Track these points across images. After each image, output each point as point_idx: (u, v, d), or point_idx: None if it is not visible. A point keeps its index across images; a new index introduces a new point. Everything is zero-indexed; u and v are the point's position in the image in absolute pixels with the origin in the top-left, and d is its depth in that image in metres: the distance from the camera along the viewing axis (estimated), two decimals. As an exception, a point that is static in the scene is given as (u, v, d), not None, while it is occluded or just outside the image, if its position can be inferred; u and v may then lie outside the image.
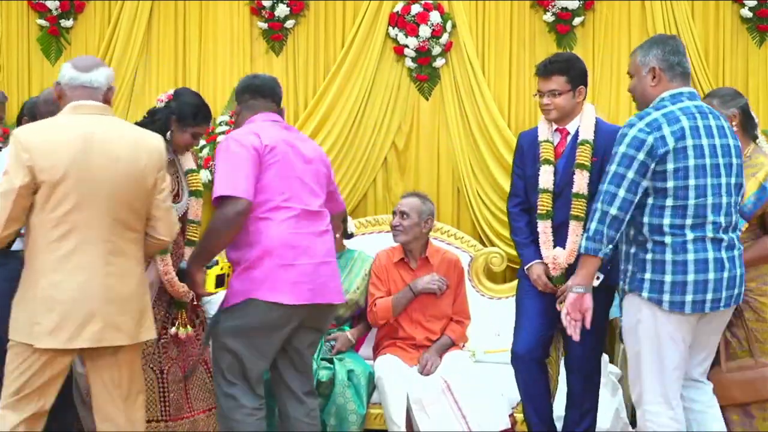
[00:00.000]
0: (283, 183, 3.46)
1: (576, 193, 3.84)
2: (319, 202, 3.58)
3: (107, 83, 3.29)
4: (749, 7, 5.25)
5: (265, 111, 3.62)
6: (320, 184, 3.62)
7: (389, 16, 5.40)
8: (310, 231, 3.50)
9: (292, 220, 3.44)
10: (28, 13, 5.59)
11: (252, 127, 3.53)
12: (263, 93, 3.66)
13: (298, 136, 3.69)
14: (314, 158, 3.62)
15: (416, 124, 5.52)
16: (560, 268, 3.87)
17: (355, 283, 4.60)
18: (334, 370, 4.24)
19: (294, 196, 3.48)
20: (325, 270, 3.52)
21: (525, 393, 4.00)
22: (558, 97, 3.88)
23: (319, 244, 3.52)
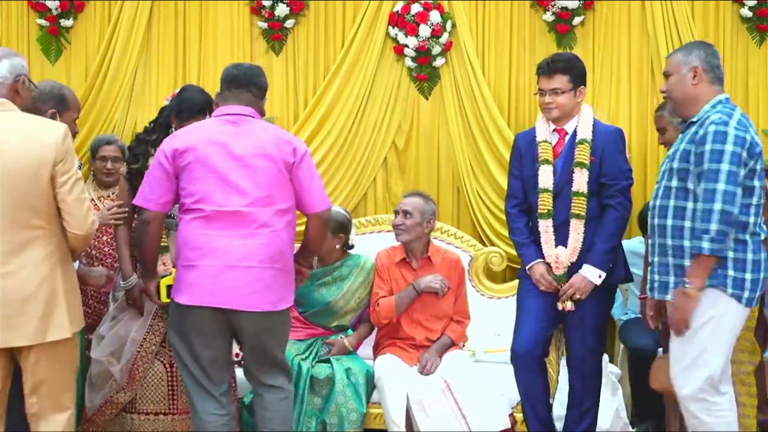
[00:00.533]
0: (195, 185, 3.40)
1: (576, 191, 3.86)
2: (246, 201, 3.41)
3: (12, 75, 3.20)
4: (749, 7, 5.25)
5: (234, 103, 3.55)
6: (256, 182, 3.42)
7: (389, 15, 5.39)
8: (224, 233, 3.38)
9: (199, 221, 3.39)
10: (28, 12, 5.58)
11: (186, 127, 3.62)
12: (238, 83, 3.58)
13: (242, 130, 3.49)
14: (249, 155, 3.43)
15: (416, 124, 5.51)
16: (563, 267, 3.88)
17: (358, 293, 4.55)
18: (332, 369, 4.24)
19: (206, 197, 3.39)
20: (237, 274, 3.38)
21: (524, 392, 4.01)
22: (560, 95, 3.89)
23: (236, 247, 3.39)
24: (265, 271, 3.42)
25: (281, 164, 3.46)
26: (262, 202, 3.42)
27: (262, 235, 3.41)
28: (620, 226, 3.91)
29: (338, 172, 5.43)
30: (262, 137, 3.48)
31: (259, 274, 3.40)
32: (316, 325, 4.55)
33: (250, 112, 3.55)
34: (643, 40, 5.36)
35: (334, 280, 4.55)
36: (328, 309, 4.53)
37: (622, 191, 3.90)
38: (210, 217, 3.38)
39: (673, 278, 3.42)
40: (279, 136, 3.55)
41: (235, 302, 3.39)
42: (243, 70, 3.63)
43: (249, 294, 3.39)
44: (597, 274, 3.86)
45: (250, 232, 3.39)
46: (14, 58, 3.26)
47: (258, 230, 3.40)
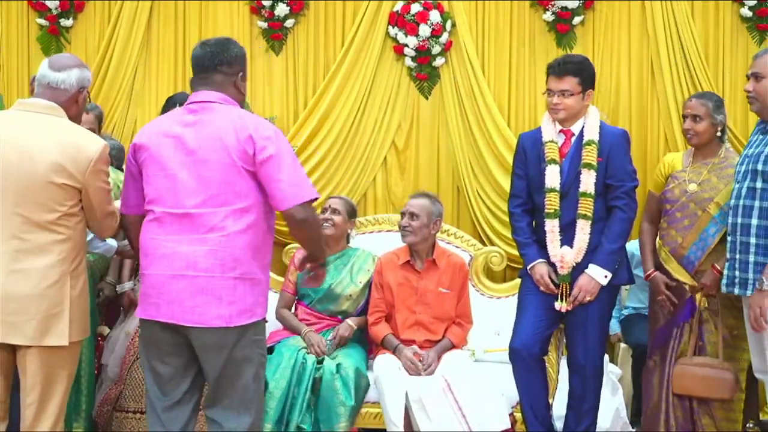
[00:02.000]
0: (149, 184, 3.08)
1: (583, 192, 3.87)
2: (196, 201, 2.99)
3: (77, 85, 3.25)
4: (749, 7, 5.25)
5: (203, 89, 3.12)
6: (207, 179, 2.99)
7: (389, 15, 5.40)
8: (172, 238, 3.01)
9: (152, 224, 3.06)
10: (28, 12, 5.58)
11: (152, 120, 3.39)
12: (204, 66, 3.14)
13: (199, 120, 3.05)
14: (203, 147, 3.00)
15: (416, 123, 5.52)
16: (568, 267, 3.89)
17: (358, 277, 4.61)
18: (322, 364, 4.27)
19: (157, 198, 3.05)
20: (182, 285, 2.98)
21: (523, 390, 4.01)
22: (568, 97, 3.90)
23: (182, 254, 2.98)
24: (213, 281, 2.97)
25: (237, 156, 2.98)
26: (213, 201, 2.98)
27: (212, 240, 2.97)
28: (627, 227, 3.93)
29: (338, 172, 5.44)
30: (219, 126, 3.01)
31: (206, 283, 2.96)
32: (323, 313, 4.59)
33: (216, 98, 3.09)
34: (643, 40, 5.36)
35: (335, 267, 4.62)
36: (330, 294, 4.58)
37: (628, 192, 3.91)
38: (160, 219, 3.03)
39: (752, 275, 3.59)
40: (240, 123, 3.03)
41: (179, 316, 2.99)
42: (208, 49, 3.14)
43: (193, 307, 2.97)
44: (603, 274, 3.86)
45: (198, 237, 2.97)
46: (85, 69, 3.31)
47: (207, 234, 2.98)
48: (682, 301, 4.18)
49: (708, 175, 4.18)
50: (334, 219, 4.61)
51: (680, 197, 4.20)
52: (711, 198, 4.11)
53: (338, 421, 4.14)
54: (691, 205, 4.16)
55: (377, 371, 4.31)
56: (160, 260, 3.00)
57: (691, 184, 4.19)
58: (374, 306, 4.53)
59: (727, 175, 4.11)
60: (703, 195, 4.15)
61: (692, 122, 4.20)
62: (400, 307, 4.48)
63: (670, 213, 4.24)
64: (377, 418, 4.31)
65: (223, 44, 3.16)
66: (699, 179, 4.19)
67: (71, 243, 3.14)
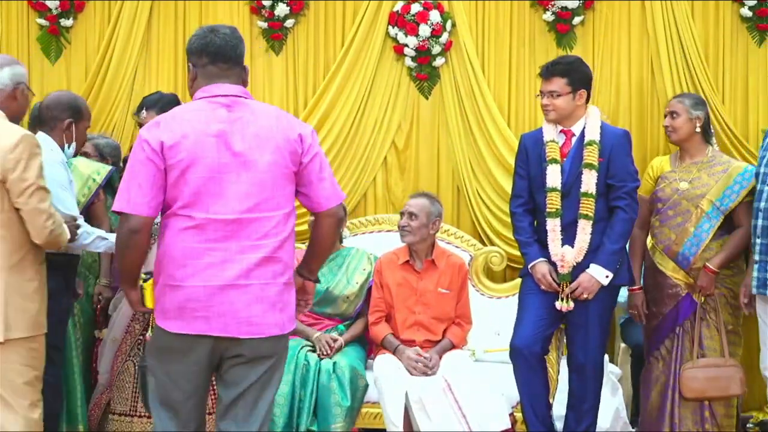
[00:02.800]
0: (184, 186, 2.81)
1: (585, 192, 3.89)
2: (247, 206, 2.83)
3: (12, 83, 3.31)
4: (749, 7, 5.24)
5: (222, 82, 2.93)
6: (259, 183, 2.84)
7: (389, 15, 5.39)
8: (219, 246, 2.81)
9: (191, 231, 2.81)
10: (28, 12, 5.58)
11: (170, 113, 2.95)
12: (225, 57, 2.94)
13: (239, 117, 2.87)
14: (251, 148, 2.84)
15: (416, 124, 5.51)
16: (568, 267, 3.89)
17: (355, 278, 4.62)
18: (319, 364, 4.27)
19: (197, 202, 2.80)
20: (235, 296, 2.82)
21: (523, 389, 4.02)
22: (557, 98, 3.92)
23: (234, 263, 2.82)
24: (267, 288, 2.86)
25: (288, 158, 2.87)
26: (265, 206, 2.85)
27: (266, 246, 2.85)
28: (628, 227, 3.95)
29: (338, 172, 5.42)
30: (264, 125, 2.87)
31: (260, 291, 2.85)
32: (321, 315, 4.60)
33: (242, 92, 2.95)
34: (643, 40, 5.36)
35: (330, 270, 4.62)
36: (327, 296, 4.59)
37: (630, 193, 3.93)
38: (201, 226, 2.80)
39: None
40: (284, 122, 2.93)
41: (233, 329, 2.83)
42: (227, 39, 2.95)
43: (249, 317, 2.84)
44: (604, 274, 3.87)
45: (251, 243, 2.83)
46: (16, 66, 3.33)
47: (260, 241, 2.84)
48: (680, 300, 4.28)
49: (698, 173, 4.32)
50: None
51: (672, 195, 4.33)
52: (703, 194, 4.25)
53: (334, 421, 4.15)
54: (684, 202, 4.29)
55: (377, 371, 4.31)
56: (204, 270, 2.80)
57: (681, 182, 4.32)
58: (374, 306, 4.53)
59: (717, 173, 4.27)
60: (695, 192, 4.28)
61: (670, 119, 4.41)
62: (400, 307, 4.48)
63: (662, 211, 4.36)
64: (377, 418, 4.32)
65: (237, 34, 2.99)
66: (689, 177, 4.33)
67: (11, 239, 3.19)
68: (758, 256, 3.91)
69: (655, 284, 4.37)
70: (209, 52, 2.92)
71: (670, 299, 4.31)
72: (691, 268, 4.26)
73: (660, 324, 4.34)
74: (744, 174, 4.27)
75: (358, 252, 4.71)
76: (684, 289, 4.28)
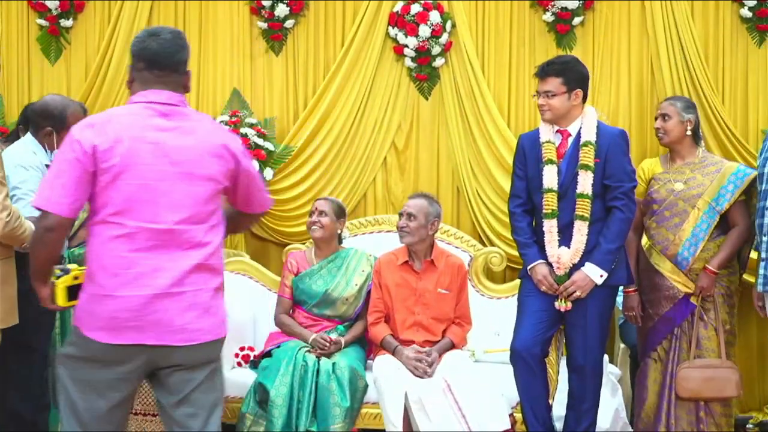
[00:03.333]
0: (116, 192, 2.74)
1: (580, 193, 3.88)
2: (182, 216, 2.79)
3: None
4: (749, 7, 5.24)
5: (155, 86, 2.86)
6: (195, 194, 2.81)
7: (389, 15, 5.39)
8: (154, 255, 2.76)
9: (121, 240, 2.74)
10: (28, 12, 5.58)
11: (103, 115, 2.89)
12: (161, 64, 2.86)
13: (178, 126, 2.82)
14: (190, 160, 2.80)
15: (416, 124, 5.51)
16: (564, 268, 3.89)
17: (354, 280, 4.62)
18: (318, 364, 4.27)
19: (130, 209, 2.74)
20: (169, 304, 2.77)
21: (523, 391, 4.02)
22: (552, 98, 3.92)
23: (165, 271, 2.77)
24: (200, 294, 2.83)
25: (223, 170, 2.88)
26: (197, 218, 2.82)
27: (198, 255, 2.82)
28: (625, 227, 3.94)
29: (338, 172, 5.43)
30: (203, 138, 2.85)
31: (193, 297, 2.81)
32: (321, 317, 4.61)
33: (179, 100, 2.88)
34: (643, 40, 5.36)
35: (328, 271, 4.64)
36: (326, 298, 4.60)
37: (627, 193, 3.92)
38: (132, 235, 2.74)
39: None
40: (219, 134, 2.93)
41: (168, 337, 2.78)
42: (166, 45, 2.87)
43: (183, 325, 2.79)
44: (599, 274, 3.87)
45: (182, 253, 2.79)
46: None
47: (191, 251, 2.81)
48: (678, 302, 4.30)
49: (692, 173, 4.37)
50: (322, 221, 4.62)
51: (667, 196, 4.36)
52: (699, 194, 4.30)
53: (334, 421, 4.14)
54: (680, 203, 4.33)
55: (377, 372, 4.31)
56: (136, 280, 2.74)
57: (677, 183, 4.35)
58: (373, 306, 4.53)
59: (710, 173, 4.33)
60: (691, 192, 4.32)
61: (662, 121, 4.47)
62: (399, 308, 4.48)
63: (658, 213, 4.38)
64: (377, 418, 4.31)
65: (179, 40, 2.91)
66: (683, 178, 4.37)
67: None
68: (765, 254, 3.92)
69: (652, 286, 4.37)
70: (144, 57, 2.88)
71: (667, 301, 4.32)
72: (689, 269, 4.28)
73: (656, 325, 4.35)
74: (737, 173, 4.30)
75: (357, 253, 4.71)
76: (681, 291, 4.29)
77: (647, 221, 4.44)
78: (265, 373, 4.27)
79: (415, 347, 4.36)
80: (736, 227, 4.29)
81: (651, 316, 4.37)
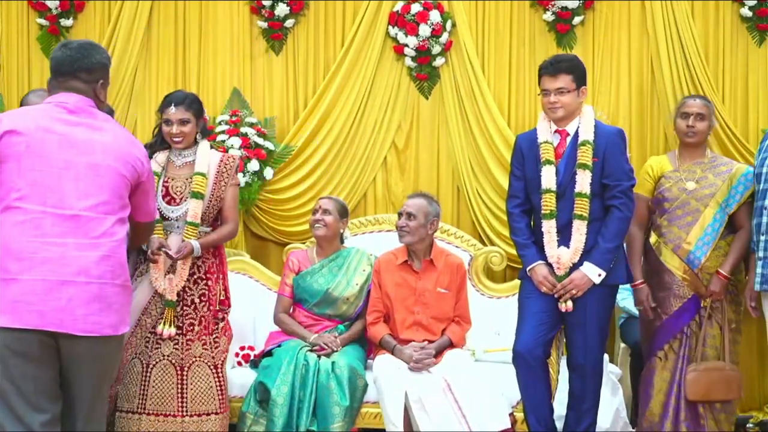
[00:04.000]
0: (22, 178, 2.83)
1: (579, 192, 3.87)
2: (89, 204, 2.87)
3: None
4: (749, 7, 5.25)
5: (60, 91, 3.02)
6: (102, 185, 2.91)
7: (389, 15, 5.39)
8: (57, 241, 2.80)
9: (25, 224, 2.80)
10: (28, 12, 5.58)
11: (19, 110, 3.13)
12: (61, 71, 3.02)
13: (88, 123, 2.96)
14: (98, 151, 2.92)
15: (416, 123, 5.51)
16: (564, 268, 3.89)
17: (354, 279, 4.62)
18: (318, 363, 4.27)
19: (36, 194, 2.82)
20: (72, 291, 2.80)
21: (525, 392, 4.01)
22: (565, 95, 3.91)
23: (72, 259, 2.81)
24: (105, 288, 2.87)
25: (129, 171, 3.01)
26: (104, 208, 2.91)
27: (104, 245, 2.87)
28: (624, 226, 3.93)
29: (338, 172, 5.44)
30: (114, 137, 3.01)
31: (99, 290, 2.85)
32: (321, 316, 4.61)
33: (89, 104, 3.03)
34: (643, 40, 5.36)
35: (329, 270, 4.63)
36: (327, 297, 4.59)
37: (625, 192, 3.92)
38: (37, 220, 2.80)
39: None
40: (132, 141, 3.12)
41: (69, 325, 2.80)
42: (68, 53, 3.02)
43: (86, 315, 2.82)
44: (597, 273, 3.86)
45: (89, 241, 2.84)
46: None
47: (99, 239, 2.86)
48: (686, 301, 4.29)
49: (703, 173, 4.35)
50: (326, 219, 4.62)
51: (679, 195, 4.33)
52: (712, 194, 4.29)
53: (333, 421, 4.14)
54: (693, 201, 4.31)
55: (376, 371, 4.31)
56: (42, 264, 2.78)
57: (689, 182, 4.34)
58: (373, 306, 4.53)
59: (722, 173, 4.33)
60: (703, 192, 4.31)
61: (697, 120, 4.39)
62: (399, 308, 4.48)
63: (670, 211, 4.35)
64: (377, 418, 4.31)
65: (85, 49, 3.06)
66: (695, 177, 4.35)
67: None
68: (762, 253, 3.94)
69: (660, 284, 4.35)
70: (51, 66, 3.06)
71: (676, 299, 4.30)
72: (701, 268, 4.27)
73: (664, 324, 4.32)
74: (746, 175, 4.29)
75: (358, 252, 4.70)
76: (689, 291, 4.29)
77: (658, 219, 4.41)
78: (266, 372, 4.26)
79: (414, 344, 4.36)
80: (743, 229, 4.28)
81: (659, 314, 4.34)
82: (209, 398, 4.06)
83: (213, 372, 4.08)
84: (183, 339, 4.05)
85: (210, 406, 4.05)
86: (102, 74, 3.07)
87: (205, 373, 4.06)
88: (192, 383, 4.03)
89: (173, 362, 4.03)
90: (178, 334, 4.03)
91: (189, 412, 4.03)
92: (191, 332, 4.06)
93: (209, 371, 4.07)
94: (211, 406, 4.06)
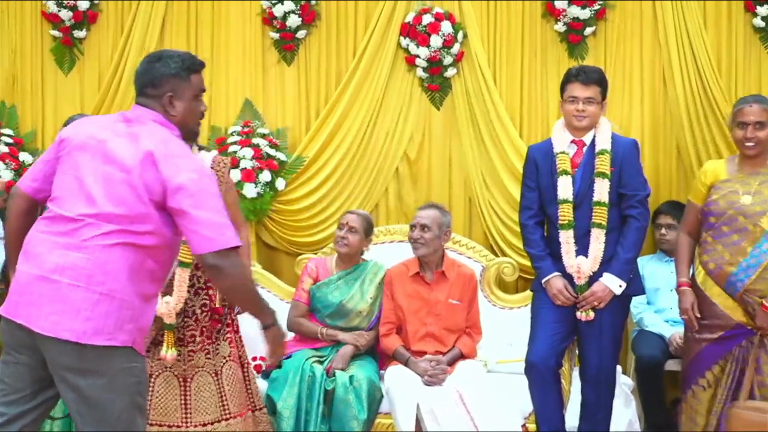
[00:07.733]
0: (58, 180, 2.89)
1: (597, 201, 3.87)
2: (93, 211, 2.76)
3: None
4: (762, 17, 5.24)
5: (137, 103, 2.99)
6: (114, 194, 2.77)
7: (401, 26, 5.40)
8: (53, 239, 2.78)
9: (44, 222, 2.86)
10: (42, 23, 5.60)
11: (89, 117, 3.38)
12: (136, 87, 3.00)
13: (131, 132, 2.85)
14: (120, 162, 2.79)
15: (428, 134, 5.52)
16: (585, 277, 3.87)
17: (369, 293, 4.61)
18: (335, 376, 4.27)
19: (61, 196, 2.85)
20: (45, 288, 2.73)
21: (538, 404, 4.00)
22: (593, 105, 3.91)
23: (57, 257, 2.75)
24: (76, 291, 2.71)
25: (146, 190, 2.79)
26: (109, 217, 2.77)
27: (90, 249, 2.75)
28: (642, 236, 3.93)
29: (350, 182, 5.44)
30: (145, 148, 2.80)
31: (68, 292, 2.71)
32: (334, 328, 4.60)
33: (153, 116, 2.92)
34: (655, 50, 5.36)
35: (346, 282, 4.64)
36: (340, 309, 4.59)
37: (642, 201, 3.92)
38: (52, 219, 2.83)
39: None
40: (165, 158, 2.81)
41: (33, 321, 2.73)
42: (139, 68, 3.01)
43: (48, 314, 2.71)
44: (618, 284, 3.86)
45: (76, 243, 2.76)
46: None
47: (87, 242, 2.76)
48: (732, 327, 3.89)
49: (759, 186, 3.89)
50: (350, 239, 4.60)
51: (727, 210, 3.90)
52: (764, 211, 3.83)
53: None
54: (740, 218, 3.86)
55: (388, 382, 4.31)
56: (33, 258, 2.79)
57: (744, 196, 3.88)
58: (385, 318, 4.53)
59: None
60: (754, 208, 3.85)
61: (756, 130, 3.88)
62: (411, 319, 4.48)
63: (716, 227, 3.94)
64: (389, 428, 4.31)
65: (149, 62, 2.97)
66: (750, 190, 3.89)
67: None
68: None
69: (701, 310, 3.95)
70: None
71: (719, 328, 3.90)
72: (742, 293, 3.84)
73: (705, 351, 3.94)
74: None
75: (375, 265, 4.70)
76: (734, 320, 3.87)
77: (704, 233, 3.99)
78: (274, 386, 4.27)
79: (428, 357, 4.36)
80: None
81: (698, 340, 3.96)
82: (212, 407, 4.00)
83: (214, 379, 4.04)
84: (185, 350, 3.97)
85: (212, 415, 3.98)
86: (171, 86, 2.93)
87: (206, 381, 4.02)
88: (195, 394, 4.00)
89: (176, 374, 3.99)
90: (180, 346, 3.99)
91: (192, 422, 4.01)
92: (192, 343, 3.98)
93: (210, 379, 4.04)
94: (214, 415, 3.99)
